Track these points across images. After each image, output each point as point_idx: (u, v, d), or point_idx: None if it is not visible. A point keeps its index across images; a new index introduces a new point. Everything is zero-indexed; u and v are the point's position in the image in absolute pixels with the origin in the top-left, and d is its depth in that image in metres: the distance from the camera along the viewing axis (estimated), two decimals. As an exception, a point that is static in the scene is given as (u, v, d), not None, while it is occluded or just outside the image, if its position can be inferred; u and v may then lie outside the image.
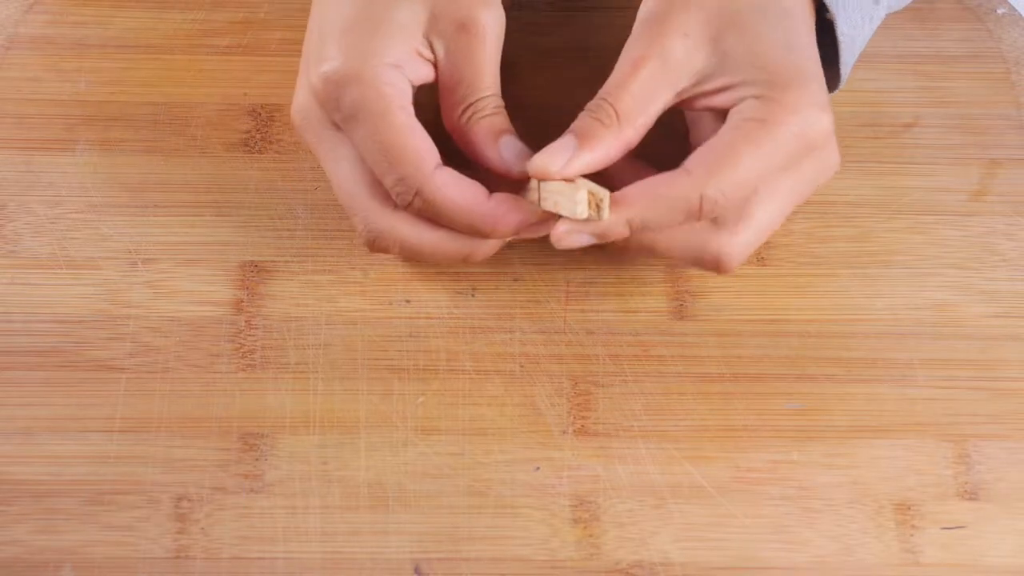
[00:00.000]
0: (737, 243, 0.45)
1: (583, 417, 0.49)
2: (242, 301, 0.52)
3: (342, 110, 0.45)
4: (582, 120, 0.45)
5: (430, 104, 0.49)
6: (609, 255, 0.50)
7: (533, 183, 0.45)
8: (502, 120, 0.47)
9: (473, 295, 0.52)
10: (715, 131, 0.45)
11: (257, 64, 0.57)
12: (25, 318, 0.51)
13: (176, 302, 0.51)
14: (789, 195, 0.45)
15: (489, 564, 0.46)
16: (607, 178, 0.46)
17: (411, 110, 0.46)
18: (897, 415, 0.49)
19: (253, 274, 0.52)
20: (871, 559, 0.47)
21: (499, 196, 0.45)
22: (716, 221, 0.45)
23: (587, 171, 0.45)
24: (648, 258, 0.51)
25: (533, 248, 0.53)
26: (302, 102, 0.47)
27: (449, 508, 0.47)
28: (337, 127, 0.46)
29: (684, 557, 0.47)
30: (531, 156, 0.46)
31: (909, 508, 0.48)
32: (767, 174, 0.44)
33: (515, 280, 0.52)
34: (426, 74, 0.47)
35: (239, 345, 0.50)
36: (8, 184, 0.54)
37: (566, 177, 0.44)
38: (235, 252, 0.53)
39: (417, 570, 0.46)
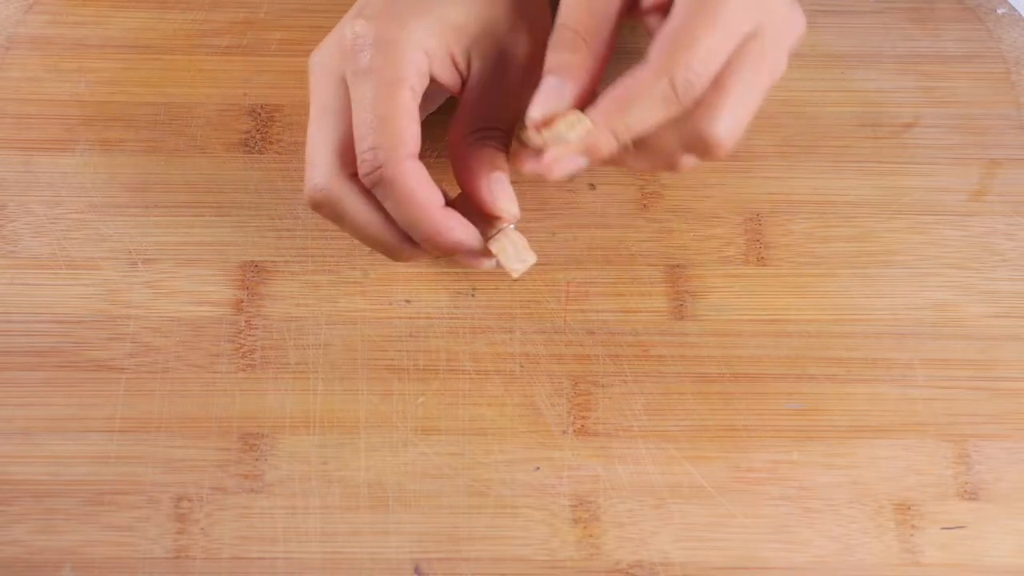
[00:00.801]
0: (722, 118, 0.44)
1: (583, 417, 0.49)
2: (242, 301, 0.52)
3: (358, 63, 0.45)
4: (553, 56, 0.45)
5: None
6: (622, 169, 0.49)
7: (498, 225, 0.46)
8: (503, 158, 0.47)
9: (473, 295, 0.52)
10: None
11: (257, 64, 0.57)
12: (25, 318, 0.51)
13: (176, 302, 0.51)
14: (760, 63, 0.44)
15: (489, 564, 0.46)
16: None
17: (419, 96, 0.46)
18: (897, 415, 0.49)
19: (253, 274, 0.52)
20: (871, 559, 0.47)
21: (451, 212, 0.45)
22: (702, 106, 0.44)
23: (583, 102, 0.44)
24: (650, 165, 0.48)
25: (533, 248, 0.53)
26: (325, 47, 0.47)
27: (449, 508, 0.47)
28: (344, 84, 0.46)
29: (684, 557, 0.47)
30: (515, 202, 0.46)
31: (909, 508, 0.48)
32: (727, 41, 0.43)
33: (515, 280, 0.52)
34: (451, 81, 0.47)
35: (239, 345, 0.50)
36: (8, 184, 0.54)
37: (561, 112, 0.44)
38: (235, 252, 0.53)
39: (417, 570, 0.46)
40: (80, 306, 0.51)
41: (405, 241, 0.46)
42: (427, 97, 0.47)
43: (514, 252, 0.46)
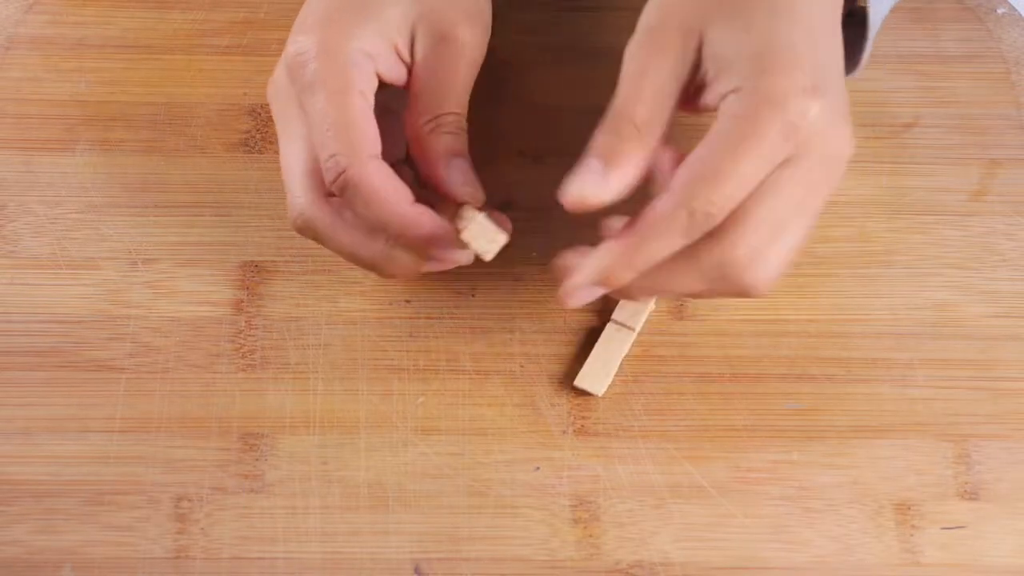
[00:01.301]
0: (742, 251, 0.42)
1: (583, 417, 0.49)
2: (242, 301, 0.52)
3: (303, 80, 0.45)
4: (602, 139, 0.43)
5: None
6: (640, 299, 0.49)
7: (463, 213, 0.46)
8: (459, 141, 0.47)
9: (473, 295, 0.52)
10: None
11: (257, 64, 0.57)
12: (25, 318, 0.51)
13: (176, 302, 0.51)
14: (794, 191, 0.42)
15: (489, 564, 0.46)
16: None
17: (370, 99, 0.45)
18: (897, 415, 0.49)
19: (253, 274, 0.52)
20: (871, 559, 0.47)
21: (421, 207, 0.45)
22: (716, 236, 0.42)
23: (622, 191, 0.43)
24: (678, 297, 0.49)
25: (533, 248, 0.53)
26: (277, 74, 0.48)
27: (449, 508, 0.47)
28: (300, 106, 0.46)
29: (684, 557, 0.47)
30: (477, 185, 0.46)
31: (909, 508, 0.48)
32: (756, 173, 0.41)
33: (515, 280, 0.52)
34: (398, 74, 0.47)
35: (239, 345, 0.50)
36: (8, 184, 0.54)
37: (603, 203, 0.43)
38: (235, 252, 0.53)
39: (417, 570, 0.46)
40: (80, 306, 0.51)
41: (387, 256, 0.46)
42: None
43: (483, 235, 0.45)
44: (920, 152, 0.56)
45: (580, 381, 0.49)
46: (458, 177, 0.46)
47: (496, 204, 0.53)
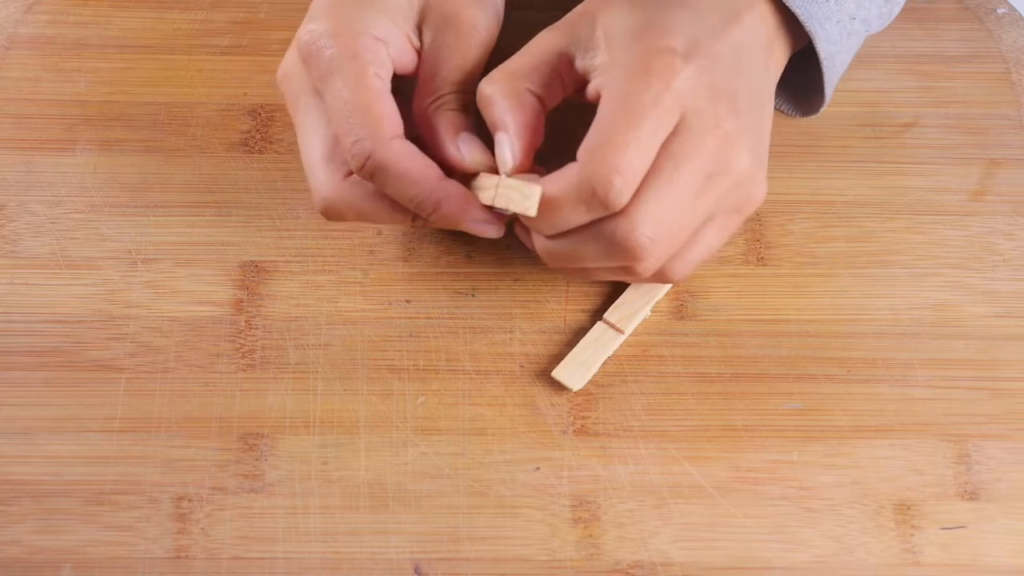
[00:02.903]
0: (633, 223, 0.43)
1: (583, 417, 0.49)
2: (242, 301, 0.52)
3: (319, 68, 0.45)
4: (491, 106, 0.46)
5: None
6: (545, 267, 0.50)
7: (482, 181, 0.46)
8: (466, 118, 0.47)
9: (473, 295, 0.52)
10: None
11: (257, 64, 0.57)
12: (25, 318, 0.51)
13: (176, 302, 0.51)
14: (684, 164, 0.43)
15: (489, 564, 0.46)
16: None
17: (387, 82, 0.46)
18: (897, 415, 0.49)
19: (253, 274, 0.52)
20: (871, 559, 0.47)
21: (450, 181, 0.46)
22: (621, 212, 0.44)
23: (525, 140, 0.45)
24: (574, 272, 0.49)
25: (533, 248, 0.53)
26: (288, 62, 0.48)
27: (449, 508, 0.47)
28: (315, 92, 0.46)
29: (684, 557, 0.47)
30: (488, 154, 0.46)
31: (909, 508, 0.48)
32: (645, 137, 0.42)
33: (515, 280, 0.52)
34: (409, 60, 0.48)
35: (239, 345, 0.50)
36: (8, 184, 0.54)
37: (518, 159, 0.45)
38: (235, 252, 0.53)
39: (417, 570, 0.46)
40: (80, 306, 0.51)
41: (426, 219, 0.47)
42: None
43: (518, 196, 0.45)
44: (920, 152, 0.56)
45: (558, 373, 0.49)
46: (467, 149, 0.47)
47: (496, 204, 0.53)
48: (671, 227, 0.44)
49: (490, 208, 0.46)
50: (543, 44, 0.46)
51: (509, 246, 0.53)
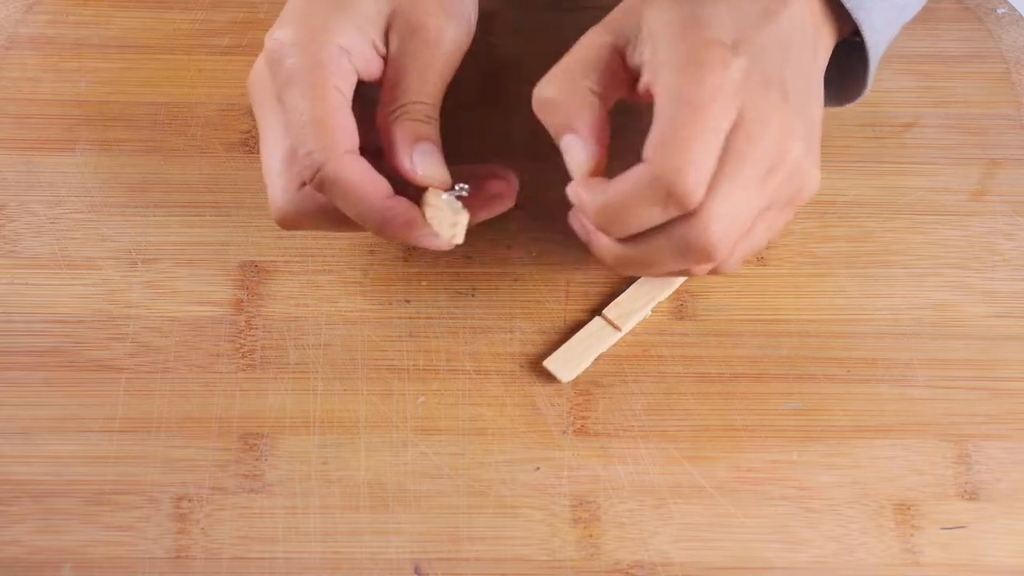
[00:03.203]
0: (707, 221, 0.43)
1: (583, 417, 0.49)
2: (242, 301, 0.52)
3: (281, 75, 0.45)
4: (553, 114, 0.46)
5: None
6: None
7: (429, 197, 0.46)
8: (427, 129, 0.47)
9: (473, 295, 0.52)
10: None
11: (257, 64, 0.57)
12: (25, 318, 0.51)
13: (176, 302, 0.51)
14: (742, 151, 0.43)
15: (489, 564, 0.46)
16: None
17: (347, 93, 0.46)
18: (897, 415, 0.49)
19: (253, 274, 0.52)
20: (871, 559, 0.47)
21: (397, 198, 0.45)
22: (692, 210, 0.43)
23: (598, 141, 0.45)
24: (647, 269, 0.49)
25: (533, 248, 0.53)
26: (257, 68, 0.48)
27: (449, 508, 0.47)
28: (278, 101, 0.46)
29: (684, 557, 0.47)
30: (440, 168, 0.46)
31: (909, 508, 0.48)
32: (708, 137, 0.42)
33: (515, 280, 0.52)
34: (376, 67, 0.47)
35: (239, 345, 0.50)
36: (8, 184, 0.54)
37: (594, 158, 0.45)
38: (235, 252, 0.53)
39: (417, 570, 0.46)
40: (80, 306, 0.51)
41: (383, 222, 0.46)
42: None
43: (444, 220, 0.45)
44: (920, 152, 0.56)
45: (549, 363, 0.49)
46: (420, 161, 0.46)
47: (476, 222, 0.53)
48: (740, 223, 0.43)
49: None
50: (595, 40, 0.46)
51: (509, 246, 0.53)
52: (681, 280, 0.52)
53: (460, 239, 0.45)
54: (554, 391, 0.50)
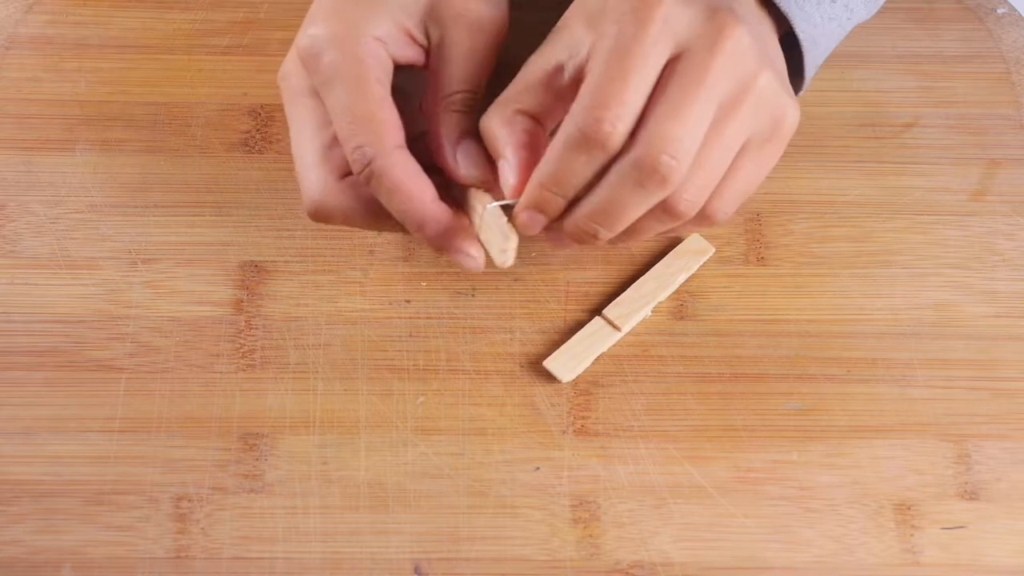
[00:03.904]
0: (647, 143, 0.42)
1: (583, 417, 0.49)
2: (242, 301, 0.52)
3: (320, 72, 0.45)
4: (494, 132, 0.45)
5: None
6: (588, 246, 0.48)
7: (473, 201, 0.46)
8: (471, 121, 0.47)
9: (473, 295, 0.52)
10: None
11: (257, 64, 0.57)
12: (25, 318, 0.51)
13: (176, 302, 0.51)
14: (686, 81, 0.42)
15: (489, 564, 0.46)
16: None
17: (387, 85, 0.46)
18: (897, 415, 0.49)
19: (253, 274, 0.52)
20: (871, 559, 0.47)
21: (443, 207, 0.45)
22: (629, 140, 0.43)
23: (526, 157, 0.44)
24: (624, 236, 0.47)
25: (533, 248, 0.53)
26: (288, 63, 0.48)
27: (449, 508, 0.47)
28: (314, 94, 0.46)
29: (684, 557, 0.47)
30: (484, 168, 0.46)
31: (909, 508, 0.48)
32: (637, 69, 0.41)
33: (515, 280, 0.52)
34: (413, 56, 0.47)
35: (239, 345, 0.50)
36: (8, 184, 0.54)
37: (518, 179, 0.44)
38: (235, 252, 0.53)
39: (417, 570, 0.46)
40: (80, 306, 0.51)
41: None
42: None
43: (496, 241, 0.45)
44: (920, 152, 0.56)
45: (549, 363, 0.49)
46: (464, 158, 0.46)
47: (532, 235, 0.53)
48: (689, 151, 0.42)
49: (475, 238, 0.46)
50: (530, 65, 0.46)
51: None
52: (682, 279, 0.52)
53: (511, 262, 0.45)
54: (554, 391, 0.50)
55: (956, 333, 0.51)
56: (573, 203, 0.44)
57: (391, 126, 0.45)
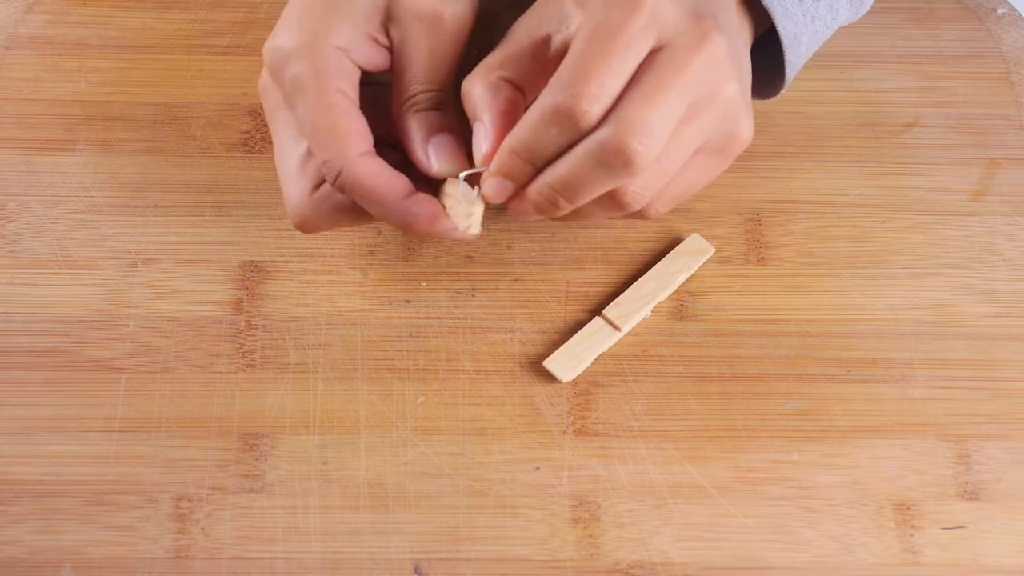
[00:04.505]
0: (618, 126, 0.42)
1: (583, 417, 0.49)
2: (242, 301, 0.52)
3: (285, 85, 0.45)
4: (471, 97, 0.45)
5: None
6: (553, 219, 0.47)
7: (448, 188, 0.46)
8: (440, 118, 0.47)
9: (473, 295, 0.52)
10: None
11: (257, 64, 0.57)
12: (25, 318, 0.51)
13: (176, 302, 0.51)
14: (665, 68, 0.42)
15: (489, 564, 0.46)
16: None
17: (351, 93, 0.46)
18: (897, 415, 0.49)
19: (253, 274, 0.52)
20: (871, 559, 0.47)
21: (419, 196, 0.45)
22: (601, 122, 0.43)
23: (498, 129, 0.45)
24: (572, 216, 0.47)
25: (533, 248, 0.53)
26: (264, 75, 0.48)
27: (449, 508, 0.47)
28: (289, 107, 0.46)
29: (684, 557, 0.47)
30: (459, 158, 0.46)
31: (909, 508, 0.48)
32: (618, 57, 0.42)
33: (515, 280, 0.52)
34: (380, 60, 0.47)
35: (239, 345, 0.50)
36: (8, 184, 0.54)
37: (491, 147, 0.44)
38: (235, 252, 0.53)
39: (417, 570, 0.46)
40: (80, 306, 0.51)
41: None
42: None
43: (460, 209, 0.46)
44: (920, 152, 0.56)
45: (549, 363, 0.49)
46: (435, 155, 0.46)
47: (496, 204, 0.53)
48: (658, 141, 0.42)
49: None
50: (516, 31, 0.46)
51: (509, 246, 0.53)
52: (682, 279, 0.52)
53: (476, 229, 0.46)
54: (554, 391, 0.50)
55: (956, 333, 0.51)
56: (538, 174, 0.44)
57: (356, 135, 0.45)
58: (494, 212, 0.53)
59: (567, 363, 0.50)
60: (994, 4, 0.60)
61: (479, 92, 0.45)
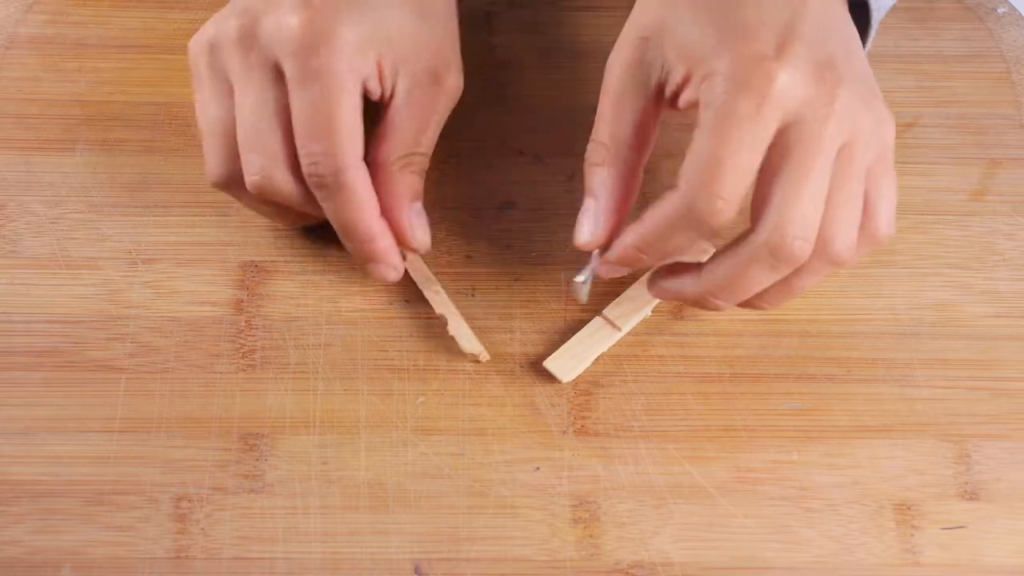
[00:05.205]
0: (777, 226, 0.42)
1: (583, 417, 0.49)
2: (242, 301, 0.52)
3: (306, 68, 0.44)
4: (587, 174, 0.45)
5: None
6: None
7: (429, 287, 0.50)
8: (421, 184, 0.48)
9: (473, 295, 0.52)
10: None
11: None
12: (25, 318, 0.51)
13: (176, 302, 0.51)
14: (803, 155, 0.42)
15: (489, 564, 0.46)
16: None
17: (359, 103, 0.46)
18: (897, 415, 0.49)
19: (253, 274, 0.52)
20: (871, 559, 0.47)
21: (384, 223, 0.47)
22: (755, 223, 0.43)
23: (618, 217, 0.45)
24: (745, 292, 0.46)
25: (533, 248, 0.53)
26: (224, 28, 0.46)
27: (449, 508, 0.47)
28: (270, 67, 0.45)
29: (684, 557, 0.47)
30: (427, 233, 0.48)
31: (909, 508, 0.48)
32: (747, 153, 0.41)
33: (515, 280, 0.52)
34: (372, 90, 0.47)
35: (239, 345, 0.50)
36: (8, 184, 0.54)
37: (608, 233, 0.46)
38: (235, 252, 0.53)
39: (417, 570, 0.46)
40: (80, 306, 0.51)
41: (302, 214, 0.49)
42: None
43: (466, 342, 0.50)
44: (920, 152, 0.56)
45: (549, 363, 0.49)
46: (416, 224, 0.48)
47: (497, 204, 0.53)
48: (818, 217, 0.42)
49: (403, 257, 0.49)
50: (628, 97, 0.44)
51: (509, 246, 0.53)
52: None
53: (484, 357, 0.50)
54: (554, 391, 0.50)
55: (956, 333, 0.51)
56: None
57: (357, 142, 0.45)
58: (493, 211, 0.53)
59: (567, 363, 0.50)
60: (994, 4, 0.60)
61: (600, 177, 0.45)
